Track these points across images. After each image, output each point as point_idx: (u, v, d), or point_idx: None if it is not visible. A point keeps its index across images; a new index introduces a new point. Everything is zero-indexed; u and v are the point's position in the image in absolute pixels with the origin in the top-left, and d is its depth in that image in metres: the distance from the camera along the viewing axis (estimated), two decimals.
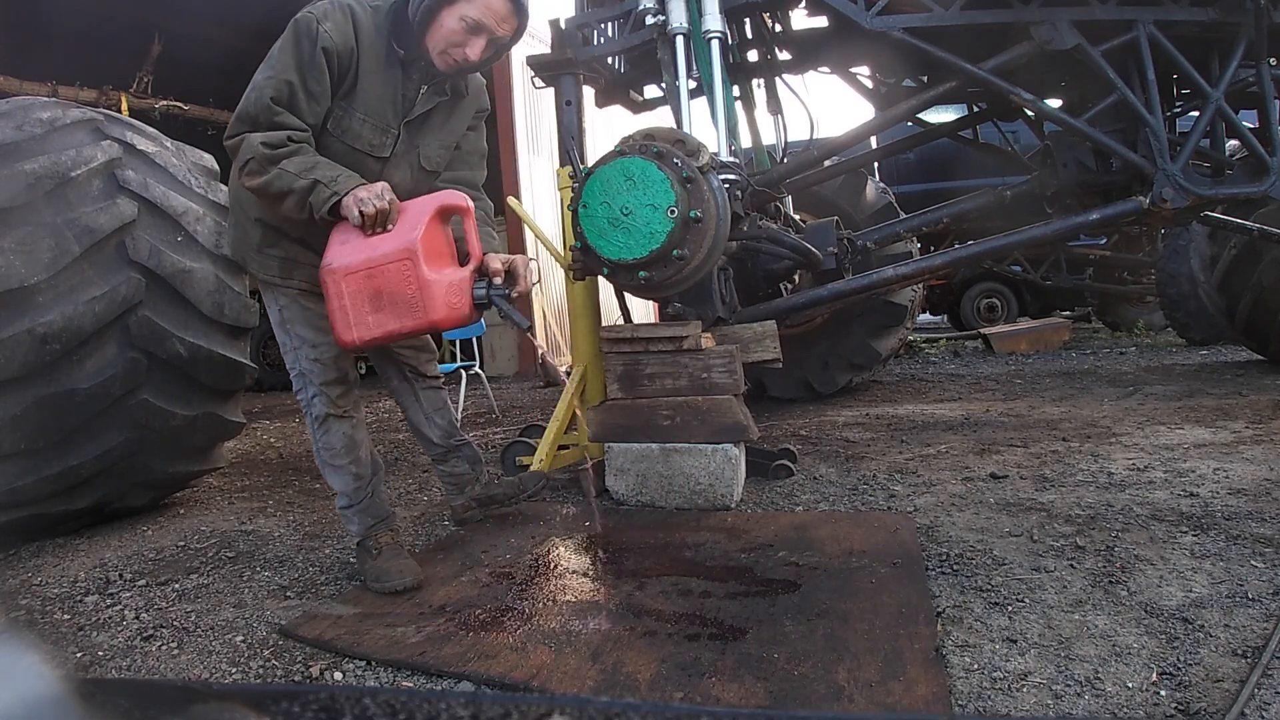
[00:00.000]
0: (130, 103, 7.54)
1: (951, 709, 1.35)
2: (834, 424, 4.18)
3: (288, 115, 1.84)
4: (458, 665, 1.61)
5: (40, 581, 2.30)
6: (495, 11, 1.91)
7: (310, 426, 2.15)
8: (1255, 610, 1.63)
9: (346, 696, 0.42)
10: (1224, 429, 3.37)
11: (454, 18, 1.89)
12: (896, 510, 2.53)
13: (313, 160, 1.84)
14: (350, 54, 1.89)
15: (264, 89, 1.82)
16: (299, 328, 2.09)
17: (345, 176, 1.85)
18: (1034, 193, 3.86)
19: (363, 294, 1.78)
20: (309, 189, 1.81)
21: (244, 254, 2.10)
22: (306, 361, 2.09)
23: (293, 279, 2.06)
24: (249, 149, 1.82)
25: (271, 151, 1.80)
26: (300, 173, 1.81)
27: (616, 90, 4.21)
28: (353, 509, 2.16)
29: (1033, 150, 4.42)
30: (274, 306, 2.11)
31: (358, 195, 1.81)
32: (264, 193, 1.87)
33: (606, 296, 3.44)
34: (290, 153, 1.82)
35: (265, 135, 1.81)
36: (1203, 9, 3.19)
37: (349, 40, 1.88)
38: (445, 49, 1.93)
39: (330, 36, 1.85)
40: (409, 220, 1.81)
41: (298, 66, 1.84)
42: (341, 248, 1.83)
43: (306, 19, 1.85)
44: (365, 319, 1.80)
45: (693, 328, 2.72)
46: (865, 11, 3.29)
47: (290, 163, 1.81)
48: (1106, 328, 9.14)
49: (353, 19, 1.90)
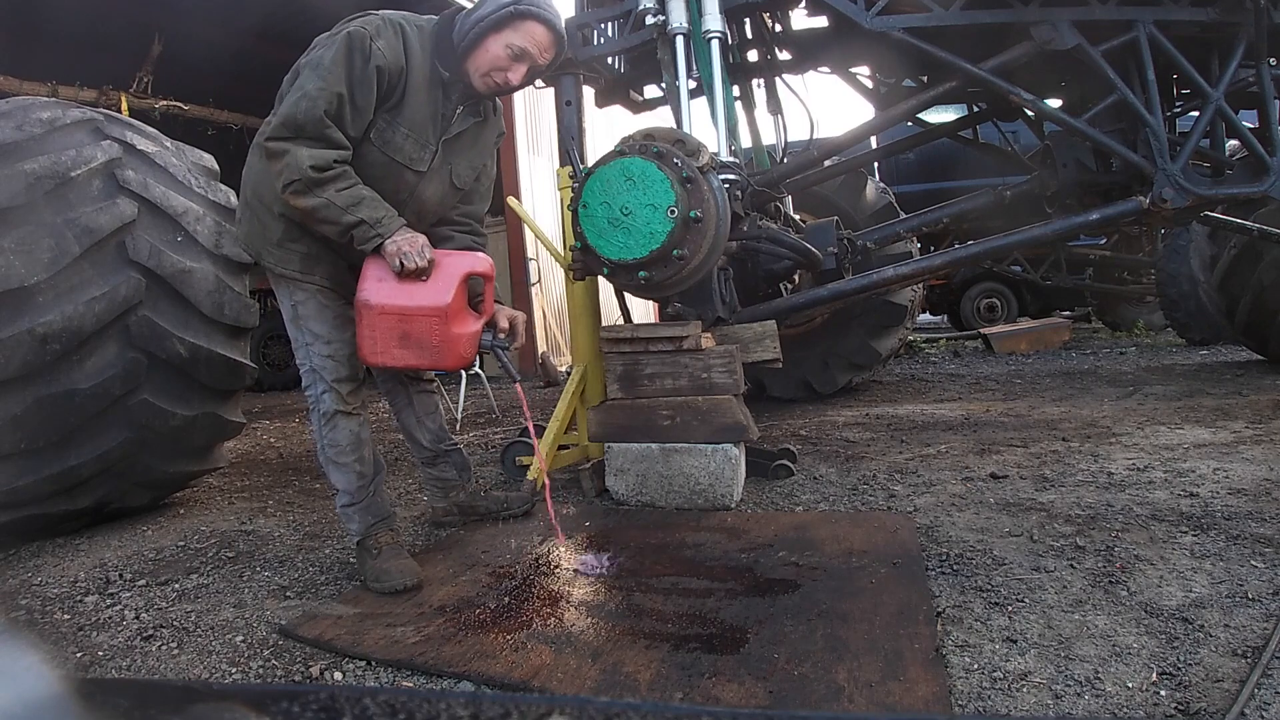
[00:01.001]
0: (130, 103, 7.53)
1: (951, 709, 1.35)
2: (834, 424, 4.18)
3: (335, 130, 1.88)
4: (458, 665, 1.61)
5: (40, 581, 2.30)
6: (538, 41, 2.01)
7: (316, 423, 2.15)
8: (1255, 610, 1.63)
9: (346, 696, 0.42)
10: (1224, 429, 3.37)
11: (500, 45, 1.98)
12: (896, 510, 2.53)
13: (358, 195, 1.90)
14: (400, 72, 1.95)
15: (316, 99, 1.85)
16: (313, 324, 2.09)
17: (388, 218, 1.92)
18: (1034, 193, 3.86)
19: (392, 332, 1.97)
20: (354, 225, 1.89)
21: (260, 247, 2.09)
22: (319, 358, 2.10)
23: (313, 275, 2.08)
24: (295, 168, 1.84)
25: (319, 175, 1.85)
26: (347, 207, 1.88)
27: (616, 90, 4.21)
28: (354, 507, 2.17)
29: (1033, 150, 4.42)
30: (288, 302, 2.11)
31: (401, 247, 1.90)
32: (309, 217, 1.92)
33: (606, 296, 3.44)
34: (335, 177, 1.87)
35: (312, 155, 1.84)
36: (1203, 9, 3.19)
37: (400, 59, 1.94)
38: (488, 73, 2.02)
39: (383, 54, 1.90)
40: (443, 279, 1.98)
41: (348, 80, 1.88)
42: (379, 284, 1.97)
43: (360, 34, 1.89)
44: (391, 350, 1.98)
45: (693, 328, 2.72)
46: (865, 11, 3.29)
47: (338, 195, 1.87)
48: (1106, 328, 9.14)
49: (403, 38, 1.97)
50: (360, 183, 1.93)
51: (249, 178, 2.09)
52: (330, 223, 1.90)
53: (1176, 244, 6.33)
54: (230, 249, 2.98)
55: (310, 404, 2.16)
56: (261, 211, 2.07)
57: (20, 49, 6.99)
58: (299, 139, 1.85)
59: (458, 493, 2.62)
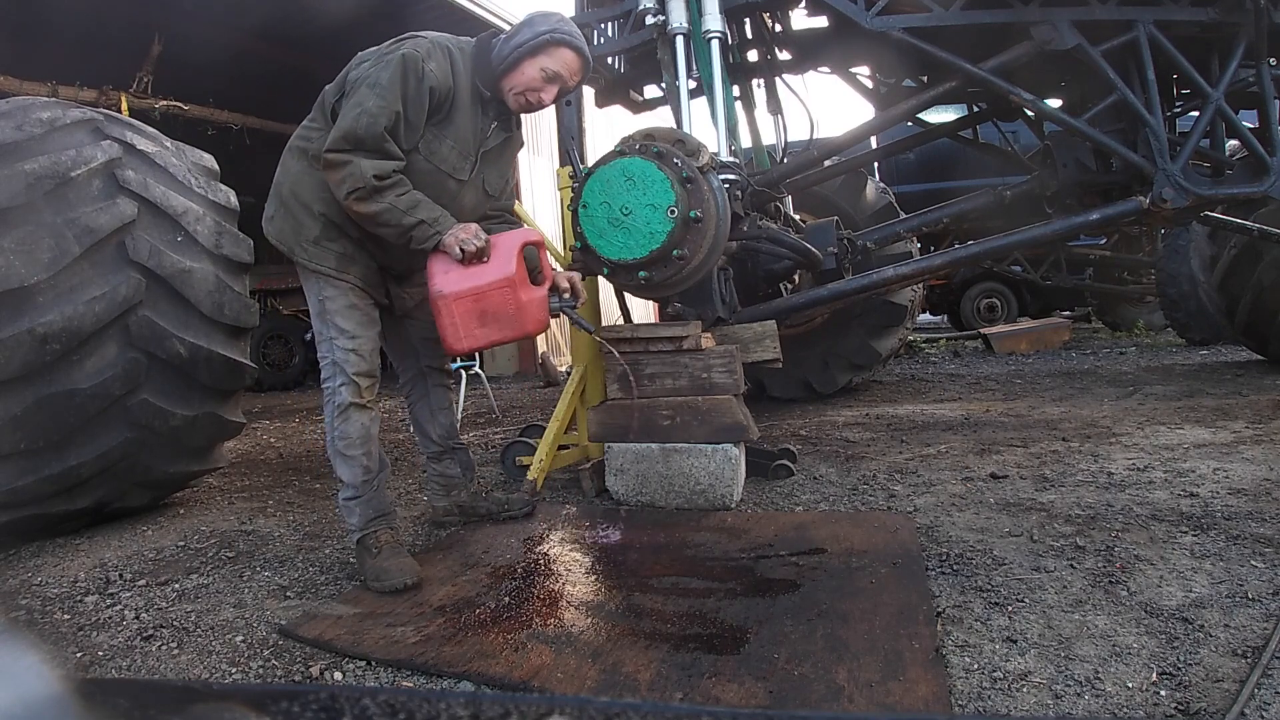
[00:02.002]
0: (130, 103, 7.52)
1: (951, 709, 1.35)
2: (834, 424, 4.18)
3: (392, 144, 2.04)
4: (458, 665, 1.61)
5: (40, 581, 2.30)
6: (569, 65, 2.21)
7: (329, 414, 2.21)
8: (1255, 610, 1.63)
9: (346, 696, 0.42)
10: (1224, 429, 3.37)
11: (535, 68, 2.17)
12: (896, 510, 2.53)
13: (414, 199, 2.07)
14: (449, 91, 2.13)
15: (377, 116, 2.00)
16: (339, 319, 2.18)
17: (443, 217, 2.10)
18: (1034, 193, 3.86)
19: (471, 313, 2.14)
20: (414, 226, 2.07)
21: (293, 243, 2.19)
22: (341, 351, 2.18)
23: (348, 274, 2.19)
24: (359, 177, 1.99)
25: (380, 183, 2.01)
26: (408, 210, 2.05)
27: (616, 90, 4.21)
28: (356, 501, 2.20)
29: (1033, 150, 4.42)
30: (316, 296, 2.21)
31: (459, 236, 2.09)
32: (370, 220, 2.07)
33: (606, 296, 3.44)
34: (394, 185, 2.04)
35: (375, 166, 2.00)
36: (1203, 9, 3.19)
37: (448, 79, 2.12)
38: (523, 92, 2.20)
39: (435, 75, 2.08)
40: (503, 254, 2.16)
41: (404, 99, 2.04)
42: (446, 276, 2.13)
43: (414, 56, 2.06)
44: (474, 331, 2.16)
45: (693, 328, 2.72)
46: (865, 11, 3.29)
47: (398, 200, 2.04)
48: (1106, 328, 9.14)
49: (451, 59, 2.15)
50: (413, 189, 2.08)
51: (285, 179, 2.21)
52: (392, 225, 2.06)
53: (1176, 244, 6.33)
54: (230, 249, 2.98)
55: (326, 396, 2.22)
56: (299, 210, 2.18)
57: (20, 49, 6.98)
58: (358, 151, 2.00)
59: (460, 492, 2.65)
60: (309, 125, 2.21)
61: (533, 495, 2.75)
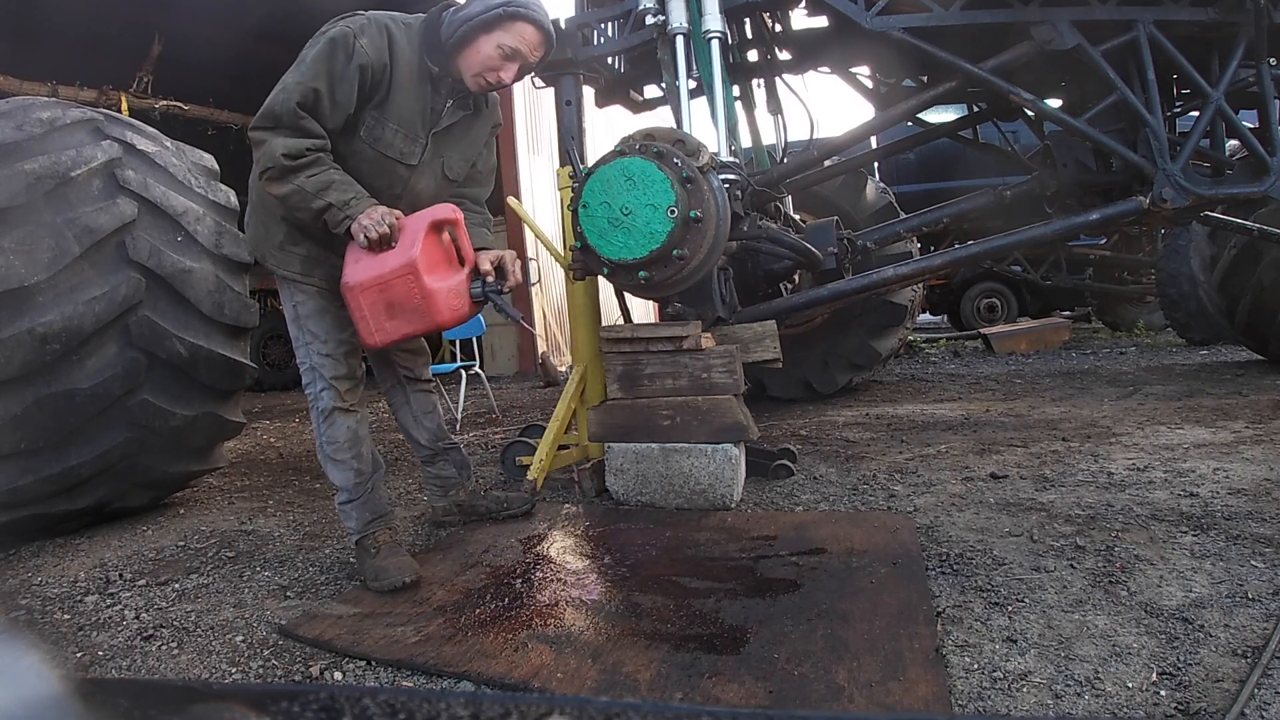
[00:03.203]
0: (130, 103, 7.53)
1: (951, 709, 1.35)
2: (834, 424, 4.18)
3: (310, 121, 1.93)
4: (458, 665, 1.61)
5: (40, 581, 2.30)
6: (529, 41, 2.06)
7: (315, 420, 2.19)
8: (1255, 610, 1.63)
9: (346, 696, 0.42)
10: (1224, 429, 3.37)
11: (491, 45, 2.03)
12: (896, 510, 2.53)
13: (328, 179, 1.94)
14: (384, 69, 1.99)
15: (292, 92, 1.91)
16: (313, 323, 2.15)
17: (356, 199, 1.95)
18: (1034, 193, 3.86)
19: (379, 305, 1.98)
20: (323, 210, 1.94)
21: (264, 250, 2.16)
22: (318, 356, 2.15)
23: (313, 276, 2.14)
24: (270, 156, 1.91)
25: (291, 163, 1.90)
26: (316, 192, 1.93)
27: (616, 90, 4.21)
28: (352, 504, 2.19)
29: (1033, 150, 4.42)
30: (289, 302, 2.17)
31: (362, 223, 1.93)
32: (283, 203, 1.99)
33: (606, 296, 3.43)
34: (307, 164, 1.92)
35: (286, 144, 1.90)
36: (1203, 9, 3.19)
37: (383, 56, 1.99)
38: (480, 72, 2.06)
39: (366, 52, 1.95)
40: (408, 238, 1.98)
41: (328, 75, 1.93)
42: (355, 265, 2.00)
43: (344, 33, 1.95)
44: (384, 325, 2.00)
45: (693, 328, 2.72)
46: (865, 11, 3.29)
47: (308, 180, 1.92)
48: (1106, 328, 9.13)
49: (388, 36, 2.01)
50: (333, 169, 1.96)
51: (254, 183, 2.14)
52: (302, 208, 1.96)
53: (1176, 244, 6.33)
54: (230, 249, 2.98)
55: (310, 402, 2.20)
56: (265, 216, 2.15)
57: (20, 49, 6.99)
58: (276, 129, 1.92)
59: (458, 491, 2.64)
60: None
61: (533, 494, 2.75)
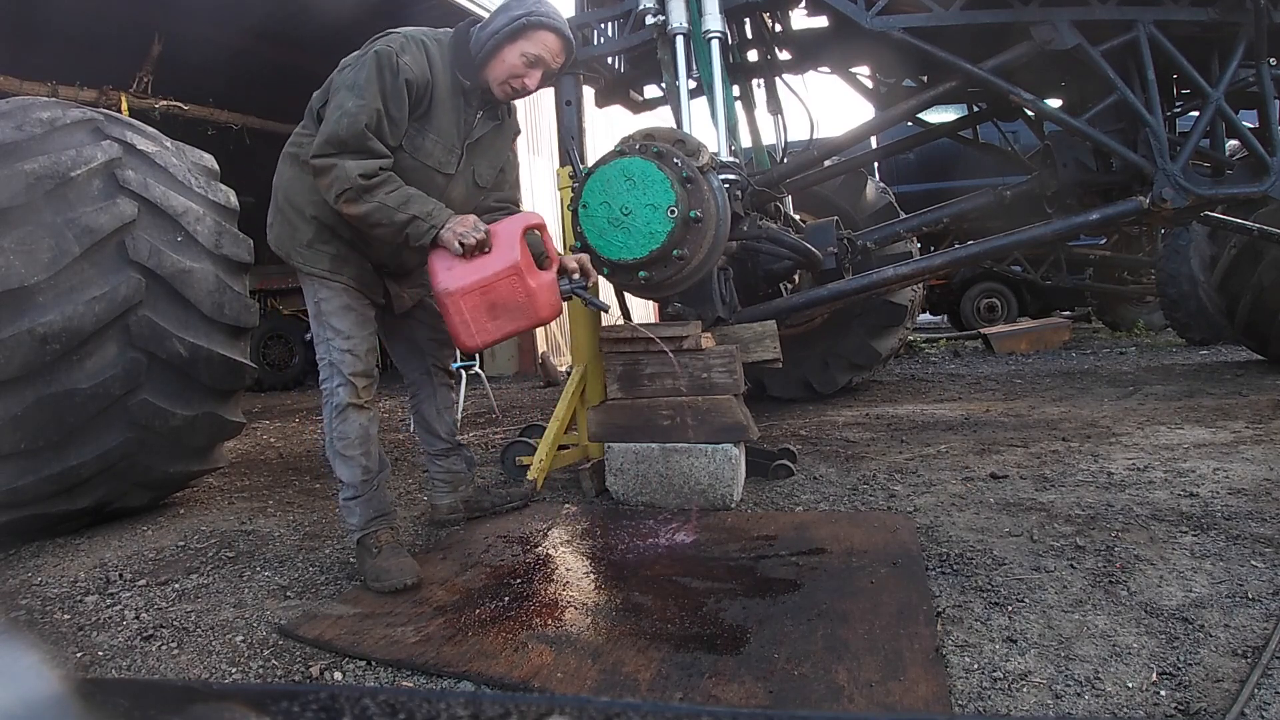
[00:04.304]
0: (130, 103, 7.52)
1: (951, 709, 1.35)
2: (834, 424, 4.18)
3: (376, 141, 2.01)
4: (458, 665, 1.61)
5: (40, 581, 2.30)
6: (551, 48, 2.16)
7: (328, 415, 2.22)
8: (1255, 610, 1.63)
9: (346, 696, 0.42)
10: (1224, 429, 3.37)
11: (516, 54, 2.13)
12: (896, 510, 2.53)
13: (406, 194, 2.03)
14: (426, 84, 2.09)
15: (357, 116, 1.98)
16: (335, 320, 2.19)
17: (438, 210, 2.06)
18: (1034, 193, 3.86)
19: (480, 307, 2.08)
20: (407, 223, 2.03)
21: (290, 248, 2.21)
22: (338, 352, 2.19)
23: (340, 274, 2.18)
24: (345, 179, 1.97)
25: (367, 183, 1.98)
26: (398, 206, 2.02)
27: (616, 90, 4.21)
28: (356, 501, 2.20)
29: (1033, 150, 4.42)
30: (313, 298, 2.22)
31: (455, 230, 2.05)
32: (363, 221, 2.05)
33: (606, 297, 3.43)
34: (382, 183, 2.01)
35: (360, 165, 1.98)
36: (1203, 9, 3.19)
37: (425, 72, 2.09)
38: (506, 80, 2.16)
39: (410, 69, 2.04)
40: (505, 242, 2.09)
41: (383, 95, 2.01)
42: (449, 272, 2.08)
43: (387, 52, 2.03)
44: (485, 326, 2.10)
45: (693, 328, 2.72)
46: (865, 11, 3.29)
47: (388, 197, 2.01)
48: (1106, 328, 9.14)
49: (426, 52, 2.11)
50: (405, 185, 2.05)
51: (280, 185, 2.22)
52: (385, 224, 2.03)
53: (1176, 244, 6.33)
54: (230, 249, 2.98)
55: (324, 397, 2.22)
56: (293, 215, 2.19)
57: (20, 49, 6.98)
58: (343, 153, 1.99)
59: (465, 487, 2.69)
60: (300, 131, 2.21)
61: (532, 494, 2.77)
